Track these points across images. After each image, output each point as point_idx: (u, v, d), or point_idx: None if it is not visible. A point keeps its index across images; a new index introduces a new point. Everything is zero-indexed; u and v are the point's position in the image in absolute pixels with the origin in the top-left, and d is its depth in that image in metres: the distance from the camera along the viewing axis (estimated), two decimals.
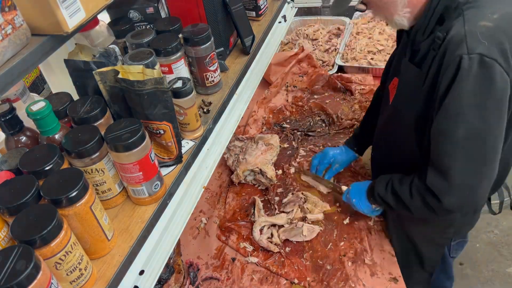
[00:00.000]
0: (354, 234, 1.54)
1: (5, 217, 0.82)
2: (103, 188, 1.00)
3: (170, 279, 1.47)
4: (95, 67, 1.01)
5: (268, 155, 1.76)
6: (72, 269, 0.83)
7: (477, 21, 1.01)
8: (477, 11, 1.03)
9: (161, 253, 1.03)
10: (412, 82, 1.18)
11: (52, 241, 0.77)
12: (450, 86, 1.02)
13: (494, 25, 1.00)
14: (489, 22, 1.00)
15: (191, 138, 1.22)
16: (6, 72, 0.70)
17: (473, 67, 0.97)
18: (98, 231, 0.91)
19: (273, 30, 1.72)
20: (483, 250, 2.57)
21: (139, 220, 1.02)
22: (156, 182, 1.02)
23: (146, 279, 0.97)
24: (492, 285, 2.41)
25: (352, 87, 2.17)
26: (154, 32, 1.23)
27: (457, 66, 0.99)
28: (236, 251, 1.56)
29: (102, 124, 1.02)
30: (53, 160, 0.89)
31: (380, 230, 1.54)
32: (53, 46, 0.79)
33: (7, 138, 1.01)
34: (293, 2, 1.93)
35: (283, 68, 2.32)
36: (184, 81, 1.13)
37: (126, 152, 0.93)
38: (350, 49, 2.38)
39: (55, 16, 0.74)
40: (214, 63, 1.30)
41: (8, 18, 0.70)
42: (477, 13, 1.03)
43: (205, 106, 1.32)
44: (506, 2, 1.06)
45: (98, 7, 0.84)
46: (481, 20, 1.01)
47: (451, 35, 1.02)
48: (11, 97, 1.12)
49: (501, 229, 2.67)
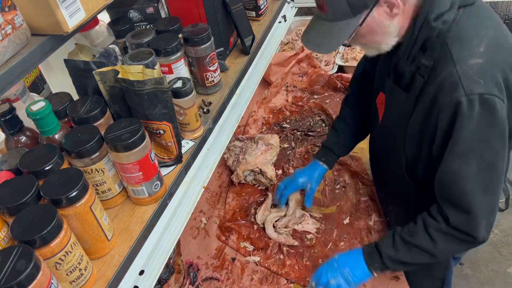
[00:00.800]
0: (354, 234, 1.54)
1: (5, 217, 0.82)
2: (103, 188, 1.00)
3: (170, 279, 1.47)
4: (95, 67, 1.01)
5: (268, 155, 1.76)
6: (72, 269, 0.83)
7: (467, 60, 1.01)
8: (462, 45, 1.03)
9: (161, 253, 1.03)
10: (400, 105, 1.18)
11: (52, 241, 0.77)
12: (452, 128, 1.04)
13: (484, 60, 1.01)
14: (478, 58, 1.01)
15: (191, 138, 1.22)
16: (6, 72, 0.70)
17: (475, 107, 0.99)
18: (98, 231, 0.91)
19: (273, 30, 1.72)
20: (483, 250, 2.57)
21: (139, 220, 1.02)
22: (156, 182, 1.02)
23: (146, 279, 0.97)
24: (492, 285, 2.41)
25: None
26: (154, 32, 1.23)
27: (455, 109, 1.01)
28: (236, 251, 1.56)
29: (102, 124, 1.02)
30: (53, 160, 0.89)
31: (381, 230, 1.54)
32: (53, 46, 0.79)
33: (7, 138, 1.01)
34: (293, 2, 1.93)
35: (283, 68, 2.32)
36: (184, 81, 1.13)
37: (126, 152, 0.93)
38: (351, 49, 2.38)
39: (55, 16, 0.74)
40: (214, 63, 1.30)
41: (8, 18, 0.70)
42: (462, 48, 1.03)
43: (205, 106, 1.32)
44: (487, 26, 1.07)
45: (98, 7, 0.84)
46: (470, 58, 1.02)
47: (444, 76, 1.03)
48: (11, 97, 1.12)
49: (501, 229, 2.67)
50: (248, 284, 1.45)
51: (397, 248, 1.18)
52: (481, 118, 1.00)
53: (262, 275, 1.47)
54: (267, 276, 1.46)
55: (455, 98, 1.00)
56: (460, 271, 2.48)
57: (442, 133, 1.07)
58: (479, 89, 0.99)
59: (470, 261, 2.53)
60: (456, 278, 2.44)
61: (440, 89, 1.04)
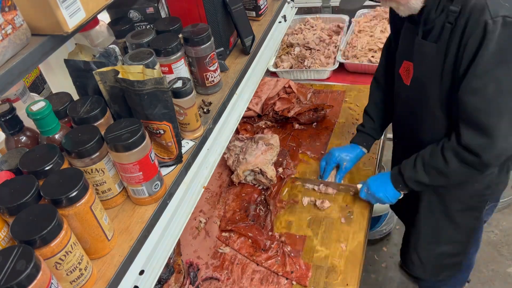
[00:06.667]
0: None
1: (5, 217, 0.82)
2: (103, 188, 1.00)
3: (170, 279, 1.47)
4: (95, 67, 1.01)
5: (268, 155, 1.76)
6: (72, 269, 0.83)
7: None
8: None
9: (161, 253, 1.03)
10: (431, 58, 1.25)
11: (52, 241, 0.77)
12: (478, 49, 1.10)
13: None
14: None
15: (191, 138, 1.22)
16: (6, 72, 0.70)
17: (498, 29, 1.06)
18: (98, 231, 0.91)
19: (273, 30, 1.72)
20: (483, 250, 2.56)
21: (139, 220, 1.02)
22: (156, 182, 1.02)
23: (146, 279, 0.97)
24: (492, 285, 2.41)
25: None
26: (154, 32, 1.23)
27: (483, 30, 1.07)
28: (236, 251, 1.56)
29: (102, 124, 1.02)
30: (53, 160, 0.89)
31: None
32: (53, 46, 0.79)
33: (7, 138, 1.01)
34: (293, 2, 1.93)
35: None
36: (184, 81, 1.13)
37: (126, 152, 0.93)
38: (352, 47, 2.38)
39: (55, 16, 0.74)
40: (214, 63, 1.30)
41: (8, 18, 0.70)
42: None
43: (205, 106, 1.32)
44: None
45: (98, 7, 0.84)
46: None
47: (473, 3, 1.10)
48: (11, 97, 1.12)
49: (501, 229, 2.67)
50: (248, 284, 1.45)
51: (416, 169, 1.35)
52: (501, 40, 1.07)
53: (262, 275, 1.47)
54: (267, 276, 1.46)
55: (482, 20, 1.07)
56: None
57: (470, 54, 1.13)
58: (504, 11, 1.06)
59: None
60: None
61: (470, 14, 1.11)
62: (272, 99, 2.10)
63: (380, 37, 2.38)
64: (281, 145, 1.92)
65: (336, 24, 2.61)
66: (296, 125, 2.05)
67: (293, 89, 2.17)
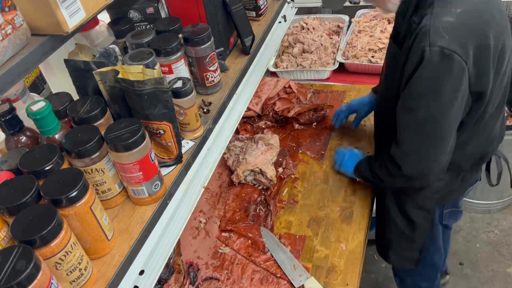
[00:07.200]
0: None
1: (5, 217, 0.82)
2: (103, 188, 1.00)
3: (170, 279, 1.47)
4: (95, 67, 1.01)
5: (268, 155, 1.76)
6: (72, 269, 0.83)
7: (441, 17, 1.11)
8: (444, 5, 1.13)
9: (161, 253, 1.03)
10: (394, 61, 1.29)
11: (52, 241, 0.77)
12: (415, 71, 1.14)
13: (455, 20, 1.11)
14: (451, 17, 1.11)
15: (191, 138, 1.22)
16: (6, 72, 0.70)
17: (434, 58, 1.09)
18: (98, 231, 0.91)
19: (273, 30, 1.72)
20: (483, 250, 2.57)
21: (139, 220, 1.02)
22: (156, 182, 1.02)
23: (146, 279, 0.97)
24: (492, 285, 2.41)
25: None
26: (154, 32, 1.23)
27: (421, 56, 1.11)
28: (236, 251, 1.56)
29: (102, 124, 1.02)
30: (53, 160, 0.89)
31: None
32: (53, 46, 0.79)
33: (7, 138, 1.01)
34: (293, 2, 1.93)
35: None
36: (184, 81, 1.13)
37: (126, 152, 0.93)
38: (352, 47, 2.38)
39: (55, 16, 0.74)
40: (214, 63, 1.30)
41: (8, 18, 0.70)
42: (443, 7, 1.13)
43: (205, 106, 1.32)
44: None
45: (98, 7, 0.84)
46: (445, 15, 1.11)
47: (420, 27, 1.13)
48: (11, 97, 1.12)
49: (501, 229, 2.67)
50: (248, 284, 1.45)
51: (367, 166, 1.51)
52: (437, 69, 1.11)
53: (262, 275, 1.47)
54: (267, 277, 1.46)
55: (421, 47, 1.11)
56: (460, 271, 2.48)
57: (408, 73, 1.17)
58: (442, 42, 1.08)
59: (470, 261, 2.53)
60: (456, 278, 2.45)
61: (414, 38, 1.15)
62: (272, 99, 2.10)
63: (380, 37, 2.38)
64: (281, 145, 1.92)
65: (336, 24, 2.61)
66: (296, 125, 2.05)
67: (293, 89, 2.17)
